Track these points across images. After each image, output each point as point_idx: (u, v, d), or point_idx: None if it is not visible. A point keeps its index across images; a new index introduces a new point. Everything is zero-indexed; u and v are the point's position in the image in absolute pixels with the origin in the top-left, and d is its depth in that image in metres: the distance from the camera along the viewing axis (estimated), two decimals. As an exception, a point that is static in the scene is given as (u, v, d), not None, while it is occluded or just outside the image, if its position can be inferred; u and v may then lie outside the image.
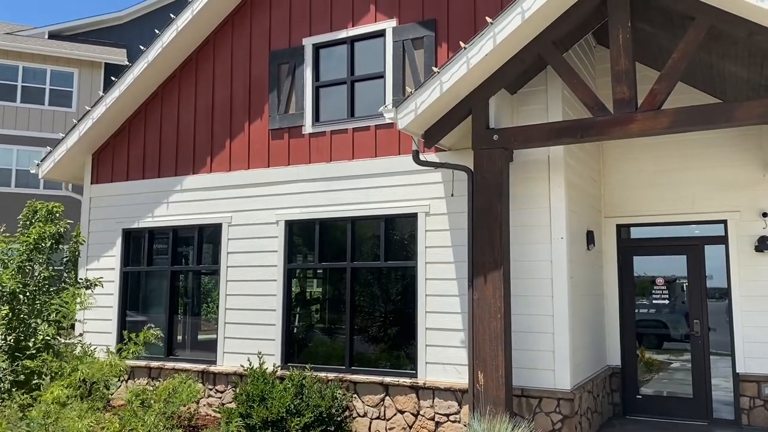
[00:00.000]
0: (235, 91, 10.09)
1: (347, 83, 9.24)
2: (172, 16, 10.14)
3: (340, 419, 8.05)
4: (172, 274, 10.32)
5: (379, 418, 8.34)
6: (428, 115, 7.43)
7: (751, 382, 8.64)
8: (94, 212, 11.08)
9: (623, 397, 9.41)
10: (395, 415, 8.24)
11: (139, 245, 10.72)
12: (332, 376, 8.61)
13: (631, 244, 9.71)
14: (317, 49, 9.53)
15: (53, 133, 21.63)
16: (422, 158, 7.93)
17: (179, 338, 10.29)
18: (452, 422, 7.89)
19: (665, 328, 9.65)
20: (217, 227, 9.92)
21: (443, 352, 8.06)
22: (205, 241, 10.18)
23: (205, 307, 10.19)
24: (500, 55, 7.12)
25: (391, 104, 7.75)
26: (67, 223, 9.31)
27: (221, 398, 9.45)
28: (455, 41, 8.10)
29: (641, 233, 9.69)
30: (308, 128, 9.37)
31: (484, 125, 7.41)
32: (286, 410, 7.68)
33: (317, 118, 9.40)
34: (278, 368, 8.91)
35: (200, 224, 10.07)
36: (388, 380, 8.31)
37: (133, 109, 10.93)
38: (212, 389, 9.53)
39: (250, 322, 9.43)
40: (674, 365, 9.51)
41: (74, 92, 23.78)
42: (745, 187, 8.92)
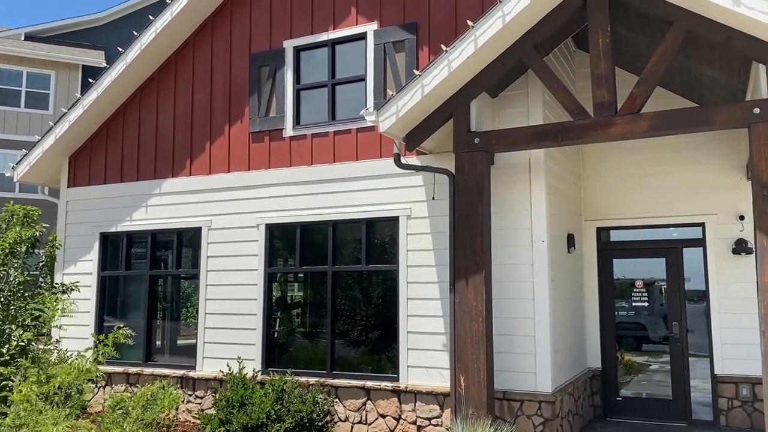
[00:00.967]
0: (215, 93, 10.01)
1: (328, 86, 9.20)
2: (151, 17, 10.04)
3: (321, 424, 7.99)
4: (150, 278, 10.20)
5: (360, 422, 8.30)
6: (410, 118, 7.42)
7: (729, 383, 8.73)
8: (71, 216, 10.91)
9: (604, 399, 9.45)
10: (377, 419, 8.20)
11: (117, 249, 10.57)
12: (313, 380, 8.55)
13: (610, 246, 9.77)
14: (298, 51, 9.48)
15: (29, 135, 21.30)
16: (403, 161, 7.91)
17: (158, 343, 10.16)
18: (434, 426, 7.87)
19: (644, 330, 9.73)
20: (196, 231, 9.82)
21: (425, 355, 8.04)
22: (184, 245, 10.06)
23: (184, 311, 10.07)
24: (481, 58, 7.13)
25: (372, 107, 7.74)
26: (43, 227, 9.16)
27: (201, 404, 9.34)
28: (437, 44, 8.10)
29: (621, 236, 9.77)
30: (289, 131, 9.32)
31: (465, 128, 7.41)
32: (266, 416, 7.60)
33: (298, 121, 9.35)
34: (258, 373, 8.82)
35: (179, 228, 9.96)
36: (369, 384, 8.27)
37: (110, 111, 10.78)
38: (191, 395, 9.42)
39: (230, 326, 9.33)
40: (653, 367, 9.58)
41: (51, 94, 23.49)
42: (722, 190, 9.02)
